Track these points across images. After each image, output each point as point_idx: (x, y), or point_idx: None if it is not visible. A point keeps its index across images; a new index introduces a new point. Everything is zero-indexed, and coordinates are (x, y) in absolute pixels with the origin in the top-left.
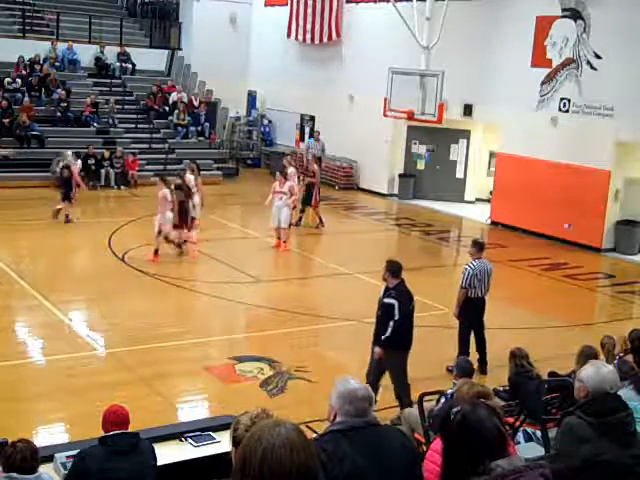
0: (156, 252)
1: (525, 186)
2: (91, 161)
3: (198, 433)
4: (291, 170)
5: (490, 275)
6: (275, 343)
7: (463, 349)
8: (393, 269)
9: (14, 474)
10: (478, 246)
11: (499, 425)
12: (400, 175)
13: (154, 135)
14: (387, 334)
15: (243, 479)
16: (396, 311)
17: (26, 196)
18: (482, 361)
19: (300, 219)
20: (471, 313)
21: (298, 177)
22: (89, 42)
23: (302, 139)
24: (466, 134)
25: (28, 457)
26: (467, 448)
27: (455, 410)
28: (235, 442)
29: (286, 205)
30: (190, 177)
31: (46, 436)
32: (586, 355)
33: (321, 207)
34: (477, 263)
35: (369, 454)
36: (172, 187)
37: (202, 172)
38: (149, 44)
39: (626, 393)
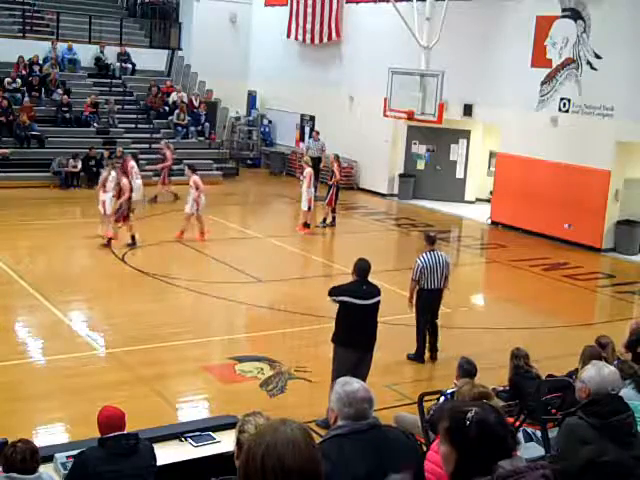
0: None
1: (525, 186)
2: (91, 162)
3: (198, 433)
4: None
5: (445, 267)
6: (275, 343)
7: (420, 340)
8: (354, 267)
9: (14, 474)
10: (428, 239)
11: (509, 426)
12: (400, 175)
13: (154, 135)
14: None
15: (246, 477)
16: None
17: (26, 196)
18: (432, 349)
19: (324, 220)
20: (424, 304)
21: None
22: (89, 42)
23: (302, 139)
24: (466, 134)
25: (28, 457)
26: (486, 451)
27: (470, 415)
28: (239, 443)
29: (192, 197)
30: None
31: (46, 436)
32: (590, 356)
33: (330, 208)
34: (428, 255)
35: (372, 457)
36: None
37: (202, 172)
38: (149, 44)
39: (627, 392)
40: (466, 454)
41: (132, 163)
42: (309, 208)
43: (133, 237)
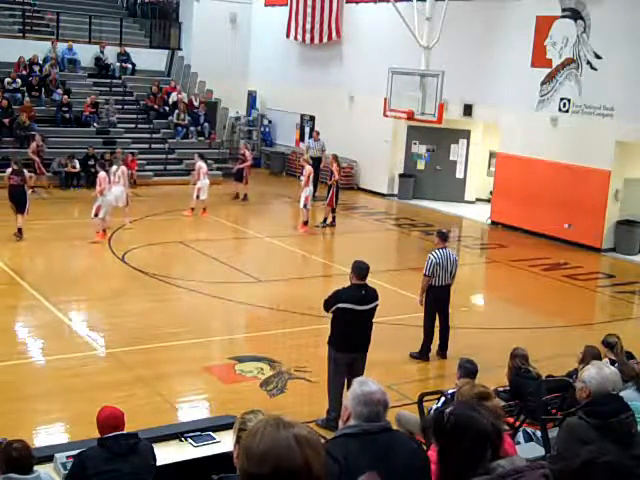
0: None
1: (525, 186)
2: (91, 162)
3: (198, 433)
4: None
5: (454, 265)
6: (275, 343)
7: (427, 337)
8: (352, 269)
9: (13, 475)
10: (442, 236)
11: (493, 422)
12: (400, 175)
13: (154, 135)
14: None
15: (244, 476)
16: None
17: None
18: (442, 347)
19: (325, 220)
20: (435, 301)
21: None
22: (89, 42)
23: (302, 139)
24: (466, 134)
25: (26, 457)
26: (462, 447)
27: (448, 411)
28: (239, 441)
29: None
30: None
31: (46, 436)
32: (591, 356)
33: (330, 208)
34: (440, 252)
35: (380, 459)
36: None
37: None
38: (149, 44)
39: (629, 394)
40: (446, 449)
41: (200, 163)
42: (305, 206)
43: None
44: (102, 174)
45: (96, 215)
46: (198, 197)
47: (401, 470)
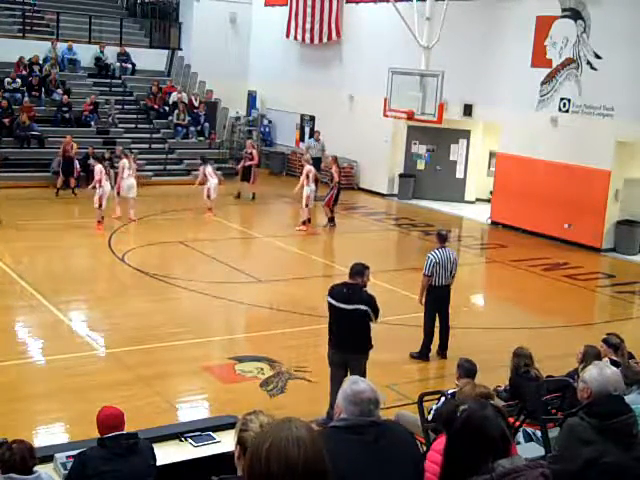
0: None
1: (525, 186)
2: (91, 161)
3: (198, 433)
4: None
5: (454, 264)
6: (275, 343)
7: (427, 337)
8: (350, 269)
9: (14, 475)
10: (440, 237)
11: (504, 426)
12: (400, 175)
13: (154, 135)
14: None
15: (251, 477)
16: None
17: (26, 196)
18: (442, 347)
19: (331, 219)
20: (435, 300)
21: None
22: (89, 42)
23: (302, 139)
24: (466, 134)
25: (27, 456)
26: (469, 446)
27: (462, 408)
28: (241, 442)
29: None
30: (124, 162)
31: (46, 436)
32: (591, 355)
33: (328, 208)
34: (440, 252)
35: (369, 452)
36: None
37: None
38: (149, 44)
39: (634, 397)
40: (452, 445)
41: (205, 167)
42: (307, 205)
43: None
44: (98, 167)
45: (100, 206)
46: (209, 197)
47: (390, 462)
